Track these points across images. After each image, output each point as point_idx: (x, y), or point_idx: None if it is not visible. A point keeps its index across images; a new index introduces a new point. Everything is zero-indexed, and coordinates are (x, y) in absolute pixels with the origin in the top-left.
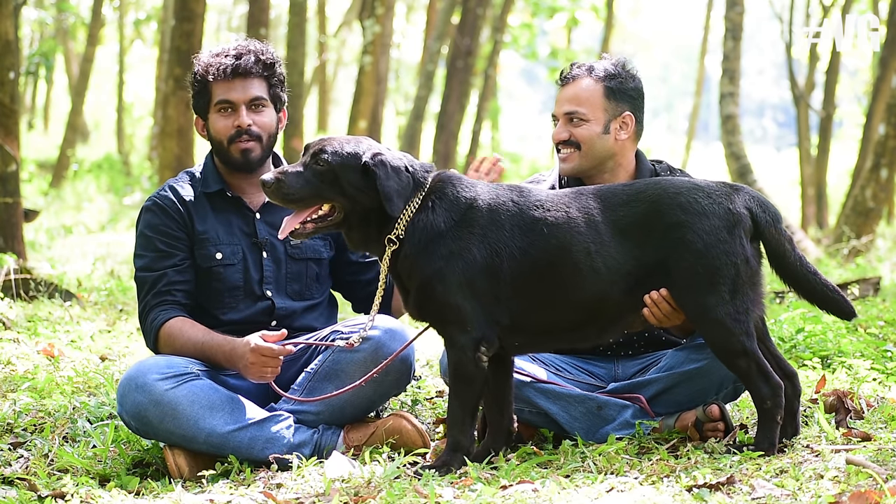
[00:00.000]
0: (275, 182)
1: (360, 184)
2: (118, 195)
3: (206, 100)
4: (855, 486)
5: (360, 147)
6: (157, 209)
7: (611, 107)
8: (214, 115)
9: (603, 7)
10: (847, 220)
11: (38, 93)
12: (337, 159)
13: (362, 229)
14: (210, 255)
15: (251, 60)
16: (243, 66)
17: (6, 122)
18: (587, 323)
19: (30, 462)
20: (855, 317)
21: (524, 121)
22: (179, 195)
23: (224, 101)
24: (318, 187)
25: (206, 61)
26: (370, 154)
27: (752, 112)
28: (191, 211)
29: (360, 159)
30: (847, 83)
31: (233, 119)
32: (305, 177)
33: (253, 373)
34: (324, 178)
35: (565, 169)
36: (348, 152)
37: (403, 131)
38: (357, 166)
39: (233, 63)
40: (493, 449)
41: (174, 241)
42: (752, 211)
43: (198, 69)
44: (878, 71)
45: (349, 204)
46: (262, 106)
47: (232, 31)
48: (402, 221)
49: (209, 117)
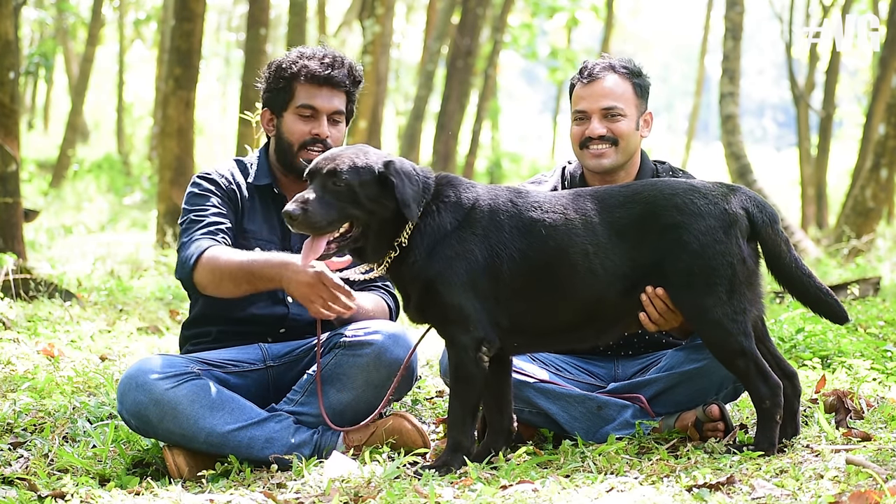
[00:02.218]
0: (301, 213)
1: (378, 195)
2: (118, 195)
3: (286, 98)
4: (855, 486)
5: (370, 158)
6: (214, 180)
7: (639, 104)
8: (293, 116)
9: (603, 7)
10: (847, 220)
11: (38, 93)
12: (354, 176)
13: (377, 241)
14: (248, 247)
15: (344, 73)
16: (335, 76)
17: (6, 122)
18: (585, 324)
19: (30, 462)
20: (847, 321)
21: (524, 121)
22: (233, 179)
23: (309, 105)
24: (341, 208)
25: (297, 59)
26: (381, 164)
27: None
28: (240, 197)
29: (375, 171)
30: (847, 83)
31: (312, 126)
32: (327, 202)
33: (306, 295)
34: (344, 197)
35: (600, 165)
36: (362, 166)
37: (403, 131)
38: (373, 179)
39: (326, 71)
40: (493, 449)
41: (227, 207)
42: (749, 211)
43: (286, 64)
44: (878, 71)
45: (368, 217)
46: (339, 120)
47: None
48: (408, 227)
49: (284, 116)
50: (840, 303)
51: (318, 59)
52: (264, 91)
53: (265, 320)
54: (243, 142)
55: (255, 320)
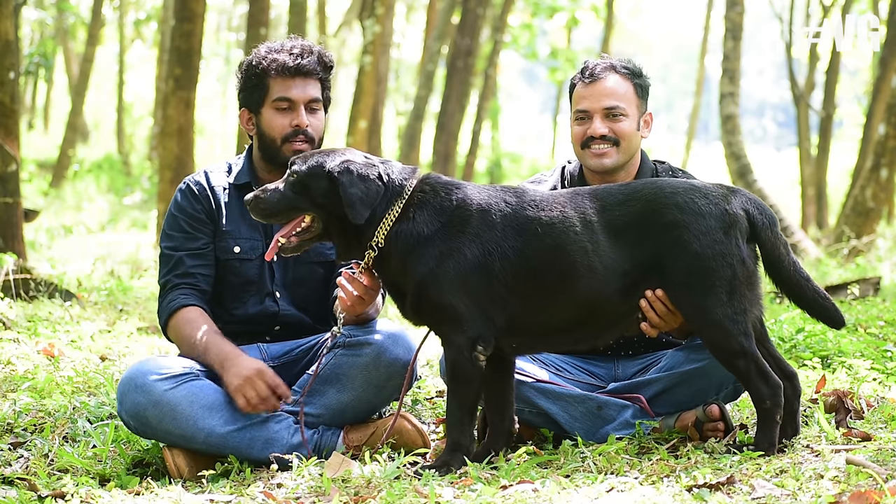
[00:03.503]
0: (253, 199)
1: (327, 192)
2: (118, 195)
3: (262, 94)
4: (855, 486)
5: (330, 157)
6: (188, 192)
7: (640, 104)
8: (270, 110)
9: (603, 7)
10: (847, 220)
11: (38, 93)
12: (304, 169)
13: (342, 238)
14: (229, 248)
15: (314, 60)
16: (306, 65)
17: (6, 122)
18: (584, 324)
19: (30, 462)
20: (844, 326)
21: (524, 121)
22: (211, 183)
23: (284, 98)
24: (291, 199)
25: (266, 55)
26: (337, 162)
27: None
28: (220, 200)
29: (325, 167)
30: (847, 83)
31: (290, 118)
32: (281, 191)
33: (240, 390)
34: (295, 189)
35: (601, 164)
36: (314, 163)
37: (403, 131)
38: (322, 174)
39: (296, 61)
40: (493, 449)
41: (199, 224)
42: (749, 213)
43: (256, 62)
44: (878, 71)
45: (323, 214)
46: (317, 108)
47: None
48: (383, 229)
49: (262, 112)
50: (837, 307)
51: (286, 51)
52: (239, 92)
53: (258, 318)
54: (243, 142)
55: (250, 319)
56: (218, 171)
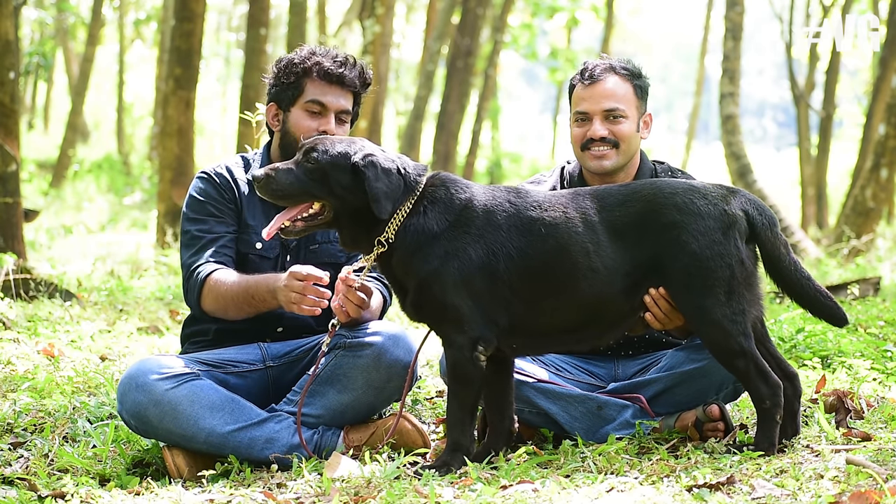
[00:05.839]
0: (264, 178)
1: (349, 184)
2: (118, 195)
3: (295, 93)
4: (855, 486)
5: (352, 147)
6: (211, 181)
7: (640, 105)
8: (300, 111)
9: (603, 7)
10: (847, 220)
11: (38, 93)
12: (327, 158)
13: (352, 229)
14: (251, 243)
15: (356, 73)
16: (347, 75)
17: (6, 122)
18: (586, 324)
19: (30, 462)
20: (847, 324)
21: (524, 121)
22: (234, 176)
23: (317, 101)
24: (307, 185)
25: (309, 56)
26: (361, 155)
27: (752, 112)
28: (242, 195)
29: (350, 159)
30: (847, 83)
31: (319, 122)
32: (295, 174)
33: (292, 299)
34: (313, 176)
35: (601, 166)
36: (338, 152)
37: (403, 131)
38: (346, 166)
39: (339, 69)
40: (493, 449)
41: (229, 210)
42: (748, 213)
43: (298, 60)
44: (878, 71)
45: (338, 203)
46: (346, 120)
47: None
48: (394, 224)
49: (292, 110)
50: (839, 305)
51: (331, 57)
52: (272, 86)
53: (262, 318)
54: (243, 142)
55: (254, 318)
56: (236, 165)
